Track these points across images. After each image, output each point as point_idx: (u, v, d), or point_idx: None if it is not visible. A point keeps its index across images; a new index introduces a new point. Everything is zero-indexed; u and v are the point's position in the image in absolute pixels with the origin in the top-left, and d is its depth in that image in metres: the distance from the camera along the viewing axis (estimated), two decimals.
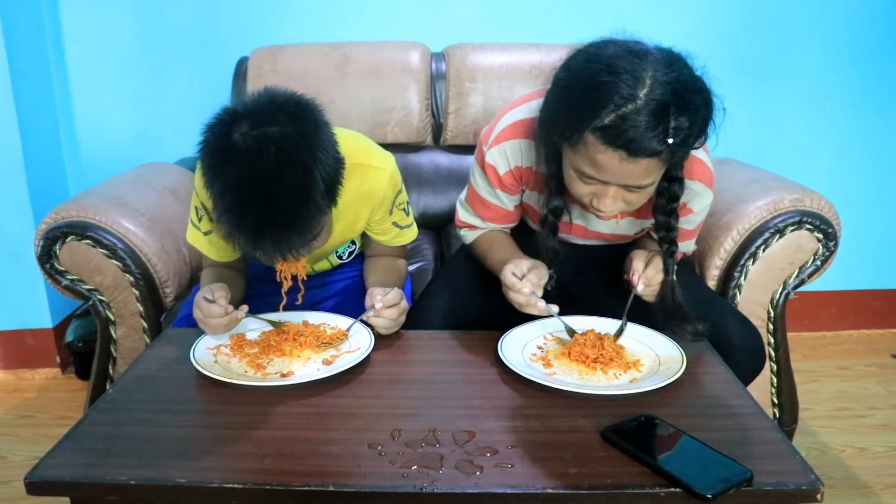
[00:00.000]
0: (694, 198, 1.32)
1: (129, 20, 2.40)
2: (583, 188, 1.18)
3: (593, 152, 1.09)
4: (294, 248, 1.13)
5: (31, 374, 2.43)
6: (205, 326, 1.25)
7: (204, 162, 1.13)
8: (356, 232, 1.46)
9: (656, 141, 1.05)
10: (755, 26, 2.44)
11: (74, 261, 1.66)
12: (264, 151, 1.07)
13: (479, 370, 1.19)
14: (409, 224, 1.50)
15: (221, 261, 1.43)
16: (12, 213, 2.28)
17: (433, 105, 2.25)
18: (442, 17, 2.40)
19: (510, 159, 1.35)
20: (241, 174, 1.08)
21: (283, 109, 1.12)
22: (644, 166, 1.09)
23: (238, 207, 1.09)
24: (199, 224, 1.40)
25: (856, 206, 2.54)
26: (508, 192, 1.41)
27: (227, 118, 1.11)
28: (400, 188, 1.43)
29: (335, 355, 1.21)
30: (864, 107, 2.52)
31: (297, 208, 1.10)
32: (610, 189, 1.15)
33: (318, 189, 1.11)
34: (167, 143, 2.47)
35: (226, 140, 1.09)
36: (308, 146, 1.11)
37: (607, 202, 1.16)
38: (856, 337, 2.68)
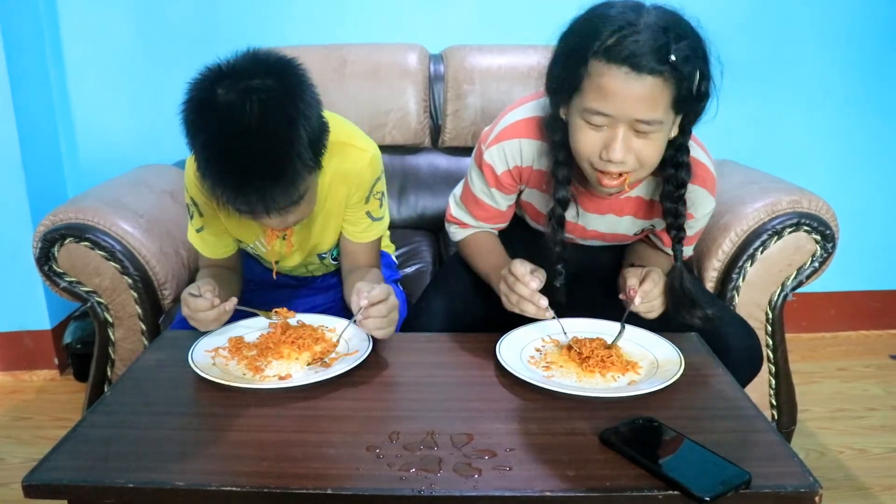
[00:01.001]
0: (696, 203, 1.32)
1: (128, 21, 2.40)
2: (591, 138, 1.16)
3: (597, 78, 1.11)
4: (278, 200, 1.13)
5: (30, 376, 2.43)
6: (194, 322, 1.24)
7: (187, 117, 1.12)
8: (341, 217, 1.44)
9: (657, 57, 1.07)
10: (754, 27, 2.45)
11: (73, 263, 1.66)
12: (248, 103, 1.07)
13: (478, 372, 1.18)
14: (381, 217, 1.46)
15: (216, 258, 1.43)
16: (10, 214, 2.28)
17: (431, 107, 2.25)
18: (440, 19, 2.40)
19: (509, 159, 1.36)
20: (224, 126, 1.08)
21: (267, 65, 1.13)
22: (649, 87, 1.09)
23: (221, 158, 1.09)
24: (191, 222, 1.41)
25: (854, 207, 2.55)
26: (505, 191, 1.41)
27: (210, 75, 1.11)
28: (379, 175, 1.42)
29: (333, 358, 1.21)
30: (864, 108, 2.53)
31: (280, 158, 1.10)
32: (619, 131, 1.13)
33: (302, 142, 1.11)
34: (165, 144, 2.47)
35: (209, 94, 1.09)
36: (291, 99, 1.11)
37: (617, 149, 1.14)
38: (854, 338, 2.68)
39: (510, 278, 1.23)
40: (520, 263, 1.24)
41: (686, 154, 1.23)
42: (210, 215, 1.38)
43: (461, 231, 1.52)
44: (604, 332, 1.27)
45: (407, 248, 2.00)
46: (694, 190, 1.29)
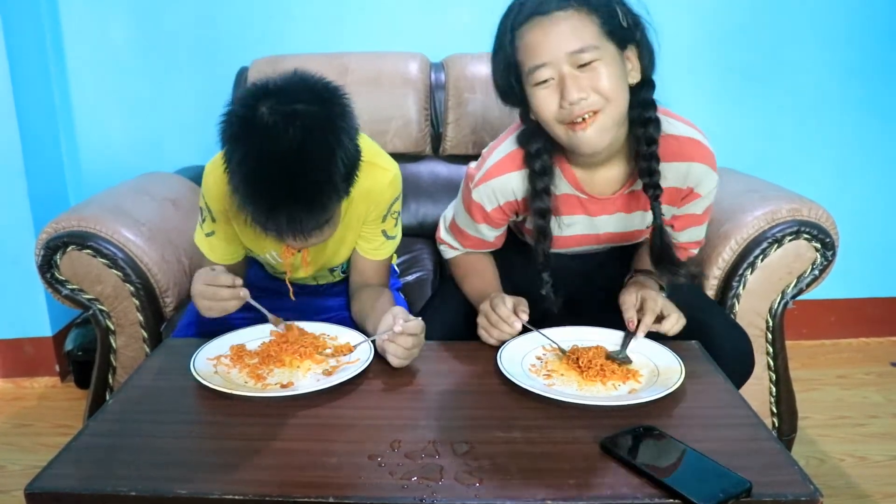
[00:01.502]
0: (700, 181, 1.33)
1: (130, 30, 2.42)
2: (549, 99, 1.20)
3: (522, 43, 1.19)
4: (307, 227, 1.14)
5: (31, 383, 2.43)
6: (206, 301, 1.23)
7: (226, 131, 1.12)
8: (357, 233, 1.44)
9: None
10: (753, 34, 2.46)
11: (75, 270, 1.67)
12: (291, 127, 1.07)
13: (479, 381, 1.19)
14: (395, 236, 1.47)
15: (222, 263, 1.43)
16: (12, 221, 2.29)
17: (432, 115, 2.25)
18: (441, 28, 2.41)
19: (499, 196, 1.37)
20: (264, 147, 1.08)
21: (313, 90, 1.13)
22: (563, 22, 1.16)
23: (257, 179, 1.09)
24: (202, 225, 1.41)
25: (854, 213, 2.55)
26: (494, 225, 1.43)
27: (256, 92, 1.11)
28: (398, 194, 1.43)
29: (335, 366, 1.21)
30: (863, 113, 2.53)
31: (316, 187, 1.11)
32: (564, 74, 1.17)
33: (338, 172, 1.12)
34: (167, 152, 2.49)
35: (252, 112, 1.09)
36: (334, 128, 1.11)
37: (570, 87, 1.16)
38: (855, 345, 2.68)
39: (493, 316, 1.26)
40: (502, 303, 1.26)
41: (653, 110, 1.26)
42: (223, 222, 1.38)
43: (450, 252, 1.54)
44: (604, 341, 1.27)
45: (408, 256, 2.00)
46: (693, 167, 1.31)
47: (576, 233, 1.42)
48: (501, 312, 1.26)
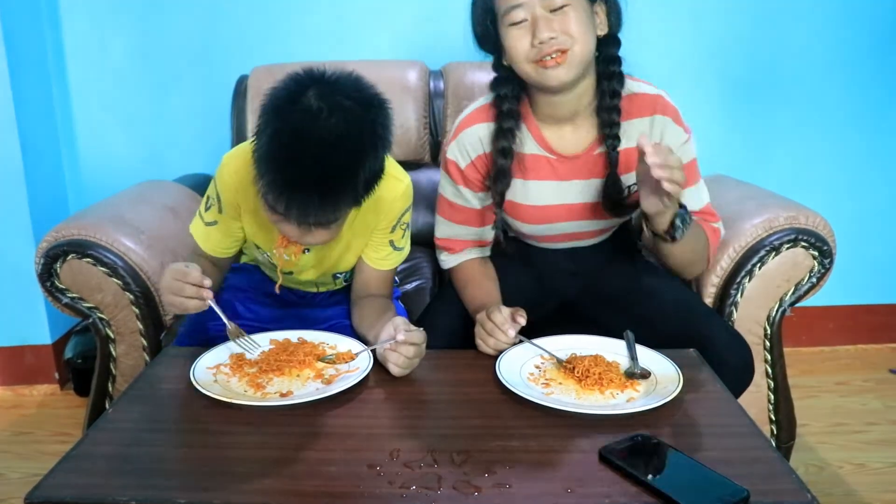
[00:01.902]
0: (663, 132, 1.39)
1: (130, 39, 2.43)
2: (521, 37, 1.28)
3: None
4: (313, 219, 1.14)
5: (30, 391, 2.43)
6: (170, 295, 1.21)
7: (268, 104, 1.12)
8: (365, 241, 1.44)
9: None
10: (752, 44, 2.47)
11: (75, 279, 1.67)
12: (333, 116, 1.08)
13: (477, 390, 1.19)
14: (403, 248, 1.47)
15: (212, 254, 1.43)
16: (13, 229, 2.30)
17: (431, 123, 2.26)
18: (440, 35, 2.41)
19: (469, 150, 1.43)
20: (303, 124, 1.08)
21: (364, 93, 1.14)
22: None
23: (287, 153, 1.09)
24: (204, 213, 1.41)
25: (853, 220, 2.56)
26: (473, 188, 1.46)
27: (309, 76, 1.12)
28: (409, 206, 1.43)
29: (334, 375, 1.21)
30: (861, 123, 2.54)
31: (337, 182, 1.11)
32: (537, 14, 1.26)
33: (361, 177, 1.13)
34: (166, 160, 2.49)
35: (300, 91, 1.10)
36: (372, 134, 1.13)
37: (541, 27, 1.25)
38: (853, 352, 2.69)
39: (488, 325, 1.27)
40: (498, 311, 1.28)
41: (618, 65, 1.35)
42: (229, 215, 1.38)
43: (450, 259, 1.54)
44: (603, 349, 1.28)
45: (407, 265, 2.00)
46: (656, 119, 1.38)
47: (547, 202, 1.45)
48: (496, 319, 1.27)
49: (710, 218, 1.47)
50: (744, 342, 1.41)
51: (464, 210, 1.49)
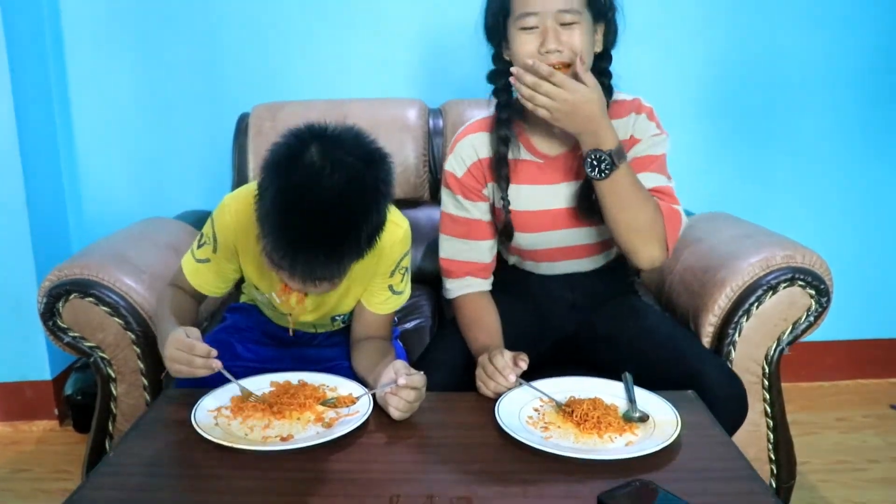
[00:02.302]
0: (636, 127, 1.46)
1: (133, 76, 2.46)
2: (530, 41, 1.35)
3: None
4: (318, 275, 1.15)
5: (29, 427, 2.43)
6: (177, 364, 1.22)
7: (271, 160, 1.14)
8: (364, 286, 1.45)
9: None
10: (748, 82, 2.51)
11: (77, 318, 1.68)
12: (335, 173, 1.09)
13: (477, 433, 1.19)
14: (402, 291, 1.48)
15: (196, 289, 1.44)
16: (15, 266, 2.31)
17: (431, 160, 2.28)
18: (439, 74, 2.46)
19: (465, 158, 1.50)
20: (305, 182, 1.10)
21: (366, 149, 1.16)
22: None
23: (290, 211, 1.10)
24: (197, 250, 1.41)
25: (852, 255, 2.59)
26: (472, 197, 1.51)
27: (311, 132, 1.14)
28: (407, 251, 1.45)
29: (334, 418, 1.22)
30: (857, 159, 2.58)
31: (341, 241, 1.13)
32: (548, 25, 1.33)
33: (364, 232, 1.14)
34: (167, 197, 2.51)
35: (302, 148, 1.11)
36: (374, 190, 1.14)
37: (550, 40, 1.33)
38: (853, 387, 2.68)
39: (489, 368, 1.29)
40: (500, 355, 1.29)
41: (608, 78, 1.44)
42: (223, 257, 1.39)
43: (453, 285, 1.55)
44: (601, 392, 1.28)
45: (406, 304, 1.99)
46: (632, 117, 1.46)
47: (538, 206, 1.49)
48: (497, 364, 1.28)
49: (669, 199, 1.46)
50: (737, 378, 1.42)
51: (465, 222, 1.52)
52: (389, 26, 2.44)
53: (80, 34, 2.43)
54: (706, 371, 1.39)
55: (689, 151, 2.52)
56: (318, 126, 1.16)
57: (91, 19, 2.41)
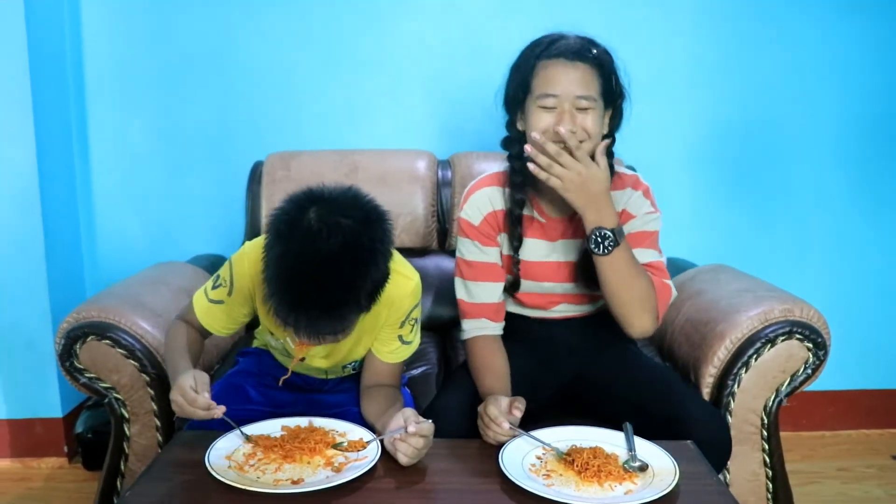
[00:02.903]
0: (630, 202, 1.54)
1: (151, 125, 2.53)
2: (545, 118, 1.43)
3: (543, 71, 1.44)
4: (322, 332, 1.22)
5: (38, 463, 2.46)
6: (182, 411, 1.28)
7: (273, 226, 1.21)
8: (374, 335, 1.50)
9: (584, 50, 1.44)
10: (746, 133, 2.57)
11: (93, 359, 1.73)
12: (332, 237, 1.16)
13: (482, 480, 1.23)
14: (411, 342, 1.53)
15: (207, 328, 1.49)
16: (31, 306, 2.36)
17: (439, 211, 2.33)
18: (448, 126, 2.53)
19: (481, 209, 1.58)
20: (304, 247, 1.16)
21: (362, 209, 1.22)
22: (582, 72, 1.43)
23: (290, 275, 1.17)
24: (211, 291, 1.47)
25: (852, 306, 2.63)
26: (487, 242, 1.58)
27: (310, 196, 1.21)
28: (418, 303, 1.49)
29: (343, 463, 1.26)
30: (855, 210, 2.63)
31: (340, 300, 1.19)
32: (565, 108, 1.42)
33: (364, 290, 1.20)
34: (181, 241, 2.57)
35: (301, 213, 1.18)
36: (371, 249, 1.20)
37: (566, 120, 1.41)
38: (855, 437, 2.70)
39: (485, 418, 1.34)
40: (493, 405, 1.34)
41: (611, 157, 1.51)
42: (238, 301, 1.44)
43: (467, 326, 1.60)
44: (602, 441, 1.32)
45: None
46: (627, 192, 1.54)
47: (539, 258, 1.58)
48: (490, 413, 1.33)
49: (661, 274, 1.53)
50: (720, 418, 1.50)
51: (478, 265, 1.58)
52: (400, 79, 2.52)
53: (101, 84, 2.51)
54: (690, 412, 1.44)
55: (692, 204, 2.58)
56: (316, 190, 1.23)
57: (112, 70, 2.50)
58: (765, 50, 2.53)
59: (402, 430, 1.23)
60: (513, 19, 2.47)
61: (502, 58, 1.50)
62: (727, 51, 2.53)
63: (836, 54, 2.54)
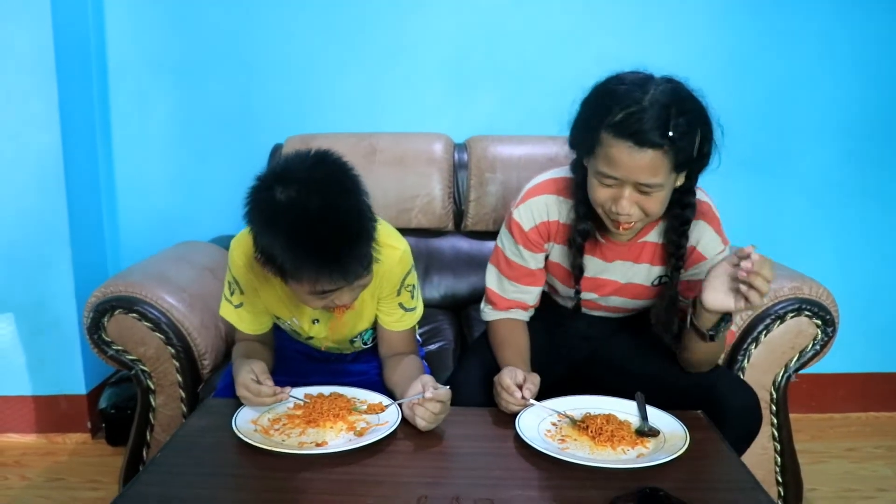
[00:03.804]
0: (700, 238, 1.44)
1: (172, 110, 2.58)
2: (603, 192, 1.34)
3: (607, 148, 1.29)
4: (354, 270, 1.24)
5: (63, 439, 2.51)
6: (250, 403, 1.34)
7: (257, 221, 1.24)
8: (373, 307, 1.54)
9: (658, 133, 1.24)
10: (758, 119, 2.59)
11: (120, 332, 1.78)
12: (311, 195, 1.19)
13: (499, 444, 1.28)
14: (414, 308, 1.55)
15: (252, 333, 1.53)
16: (56, 285, 2.41)
17: (455, 193, 2.37)
18: (465, 110, 2.56)
19: (535, 216, 1.51)
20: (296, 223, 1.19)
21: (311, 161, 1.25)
22: (650, 159, 1.26)
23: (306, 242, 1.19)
24: (230, 297, 1.51)
25: (862, 289, 2.65)
26: (532, 248, 1.54)
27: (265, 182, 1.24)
28: (409, 269, 1.51)
29: (365, 428, 1.31)
30: (864, 197, 2.65)
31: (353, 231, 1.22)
32: (625, 190, 1.31)
33: (363, 215, 1.24)
34: (202, 222, 2.61)
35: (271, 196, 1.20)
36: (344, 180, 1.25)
37: (623, 204, 1.32)
38: (864, 419, 2.72)
39: (498, 387, 1.38)
40: (508, 374, 1.37)
41: (692, 196, 1.40)
42: (251, 294, 1.49)
43: (492, 313, 1.62)
44: (615, 409, 1.36)
45: (430, 327, 2.10)
46: (702, 228, 1.44)
47: (588, 274, 1.54)
48: (503, 382, 1.36)
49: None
50: (749, 388, 1.46)
51: (518, 268, 1.57)
52: (418, 64, 2.55)
53: (123, 68, 2.56)
54: (720, 384, 1.45)
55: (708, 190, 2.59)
56: (265, 173, 1.26)
57: (134, 54, 2.55)
58: (776, 38, 2.54)
59: (420, 395, 1.28)
60: (528, 4, 2.50)
61: (518, 43, 1.46)
62: (739, 39, 2.55)
63: (846, 40, 2.55)
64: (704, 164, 1.37)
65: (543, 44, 2.52)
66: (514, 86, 2.54)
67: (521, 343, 1.56)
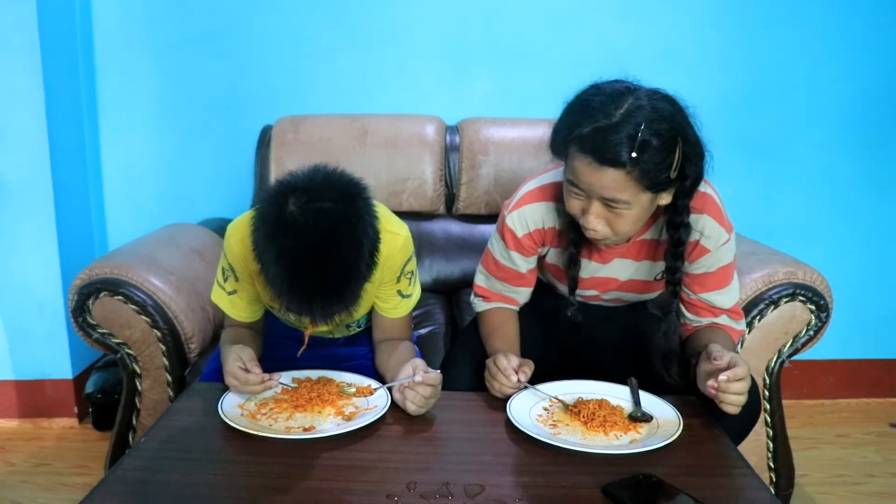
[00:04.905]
0: (703, 231, 1.38)
1: (160, 89, 2.54)
2: (573, 203, 1.31)
3: (573, 160, 1.26)
4: (336, 313, 1.23)
5: (49, 424, 2.49)
6: (238, 391, 1.32)
7: (259, 230, 1.20)
8: (371, 294, 1.52)
9: (622, 153, 1.19)
10: (755, 106, 2.58)
11: (106, 315, 1.75)
12: (320, 225, 1.16)
13: (490, 429, 1.26)
14: (411, 294, 1.54)
15: (243, 320, 1.51)
16: (41, 268, 2.38)
17: (447, 176, 2.35)
18: (457, 92, 2.53)
19: (529, 223, 1.47)
20: (298, 243, 1.16)
21: (336, 188, 1.21)
22: (611, 177, 1.22)
23: (293, 274, 1.17)
24: (224, 284, 1.48)
25: (855, 276, 2.65)
26: (525, 253, 1.51)
27: (283, 190, 1.19)
28: (410, 255, 1.49)
29: (353, 412, 1.29)
30: (860, 184, 2.64)
31: (347, 280, 1.19)
32: (593, 204, 1.27)
33: (364, 261, 1.21)
34: (191, 204, 2.59)
35: (281, 210, 1.17)
36: (360, 222, 1.20)
37: (591, 218, 1.28)
38: (854, 405, 2.73)
39: (493, 368, 1.36)
40: (504, 357, 1.35)
41: (686, 215, 1.32)
42: (246, 282, 1.46)
43: (482, 304, 1.60)
44: (607, 394, 1.35)
45: (421, 311, 2.08)
46: (703, 221, 1.38)
47: (585, 274, 1.51)
48: (500, 365, 1.34)
49: (736, 317, 1.49)
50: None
51: (508, 270, 1.55)
52: (410, 46, 2.52)
53: (111, 47, 2.51)
54: None
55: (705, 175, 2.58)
56: (287, 181, 1.22)
57: (122, 33, 2.50)
58: (771, 23, 2.52)
59: (410, 378, 1.26)
60: None
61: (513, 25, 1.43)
62: (737, 23, 2.52)
63: (842, 27, 2.53)
64: (692, 185, 1.30)
65: (539, 26, 2.49)
66: (510, 68, 2.51)
67: (511, 333, 1.55)
